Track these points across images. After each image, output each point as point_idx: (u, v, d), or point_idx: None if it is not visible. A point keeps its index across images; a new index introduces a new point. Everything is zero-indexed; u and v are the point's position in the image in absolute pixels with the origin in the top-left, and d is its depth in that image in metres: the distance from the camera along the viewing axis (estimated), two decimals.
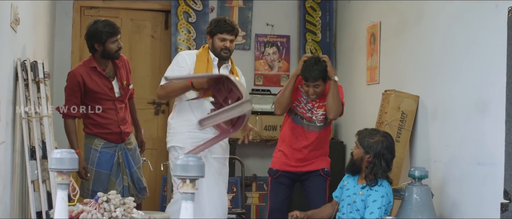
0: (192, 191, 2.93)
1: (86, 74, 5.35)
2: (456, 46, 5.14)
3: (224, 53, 5.22)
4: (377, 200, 4.70)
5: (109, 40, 5.33)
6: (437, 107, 5.42)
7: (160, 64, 7.55)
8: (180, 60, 5.22)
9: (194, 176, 2.93)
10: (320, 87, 5.33)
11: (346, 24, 7.46)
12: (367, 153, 4.79)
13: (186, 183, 2.93)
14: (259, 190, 7.45)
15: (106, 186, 5.45)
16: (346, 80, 7.37)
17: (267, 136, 7.15)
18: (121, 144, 5.53)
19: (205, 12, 7.46)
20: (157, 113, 7.57)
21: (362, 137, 4.85)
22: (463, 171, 4.98)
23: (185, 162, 2.92)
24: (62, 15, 7.23)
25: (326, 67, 5.29)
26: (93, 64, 5.39)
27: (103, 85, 5.42)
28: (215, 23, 5.24)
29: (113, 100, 5.50)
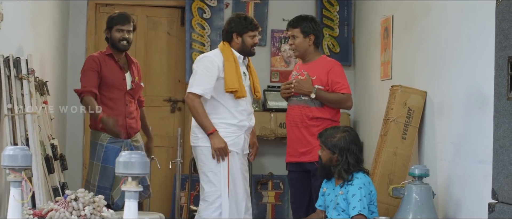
0: (135, 190, 2.82)
1: (102, 59, 5.49)
2: (460, 39, 4.93)
3: (253, 50, 5.27)
4: (356, 194, 4.59)
5: (115, 27, 5.51)
6: (442, 103, 5.22)
7: (176, 61, 7.48)
8: (209, 65, 5.09)
9: (137, 174, 2.82)
10: (297, 39, 5.33)
11: (363, 19, 7.27)
12: (334, 152, 4.68)
13: (128, 181, 2.81)
14: (275, 188, 7.31)
15: (112, 182, 5.47)
16: (363, 77, 7.19)
17: (281, 134, 7.00)
18: (128, 140, 5.52)
19: (220, 8, 7.36)
20: (173, 111, 7.50)
21: (324, 138, 4.75)
22: (466, 169, 4.78)
23: (128, 159, 2.81)
24: (76, 12, 7.21)
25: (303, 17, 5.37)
26: (109, 52, 5.54)
27: (117, 73, 5.52)
28: (244, 22, 5.20)
29: (124, 92, 5.56)
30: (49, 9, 6.03)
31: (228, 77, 5.06)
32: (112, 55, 5.53)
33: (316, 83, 5.29)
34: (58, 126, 6.62)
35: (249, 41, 5.19)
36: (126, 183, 2.82)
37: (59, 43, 6.58)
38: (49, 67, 6.04)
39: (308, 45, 5.37)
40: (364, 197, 4.58)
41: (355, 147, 4.71)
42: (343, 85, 5.33)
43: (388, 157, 5.43)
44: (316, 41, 5.41)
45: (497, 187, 3.66)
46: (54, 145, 5.33)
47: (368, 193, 4.63)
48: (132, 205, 2.81)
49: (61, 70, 6.69)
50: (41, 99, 5.29)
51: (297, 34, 5.35)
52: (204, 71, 5.08)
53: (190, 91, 5.09)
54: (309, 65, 5.40)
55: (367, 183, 4.66)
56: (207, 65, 5.09)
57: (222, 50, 5.19)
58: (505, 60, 3.59)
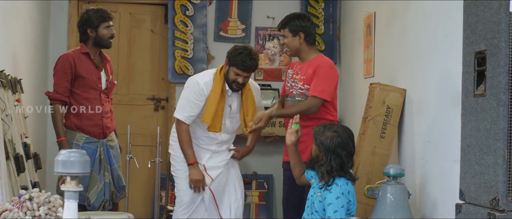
0: (75, 190, 2.72)
1: (77, 58, 5.38)
2: (437, 35, 4.82)
3: (235, 86, 5.12)
4: (332, 203, 4.30)
5: (102, 25, 5.42)
6: (420, 100, 5.11)
7: (159, 59, 7.38)
8: (198, 95, 5.09)
9: (76, 173, 2.72)
10: (286, 38, 5.21)
11: (348, 16, 7.15)
12: (320, 150, 4.46)
13: (67, 181, 2.71)
14: (259, 188, 7.21)
15: (87, 182, 5.40)
16: (347, 75, 7.08)
17: (266, 133, 6.89)
18: (103, 140, 5.47)
19: (203, 5, 7.25)
20: (156, 109, 7.40)
21: (315, 133, 4.51)
22: (442, 169, 4.67)
23: (67, 157, 2.71)
24: (57, 10, 7.12)
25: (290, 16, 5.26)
26: (85, 50, 5.43)
27: (92, 73, 5.43)
28: (235, 54, 5.09)
29: (100, 91, 5.49)
30: (24, 6, 5.92)
31: (206, 110, 5.10)
32: (88, 53, 5.43)
33: (305, 83, 5.16)
34: (39, 125, 6.54)
35: (231, 76, 5.07)
36: (65, 182, 2.71)
37: (38, 40, 6.48)
38: (25, 64, 5.94)
39: (299, 44, 5.23)
40: (342, 208, 4.28)
41: (342, 151, 4.40)
42: (314, 87, 5.07)
43: (366, 157, 5.32)
44: (307, 38, 5.24)
45: (464, 188, 3.56)
46: (26, 144, 5.24)
47: (346, 202, 4.34)
48: (71, 206, 2.71)
49: (40, 68, 6.60)
50: (13, 97, 5.19)
51: (286, 33, 5.24)
52: (191, 99, 5.11)
53: (175, 116, 5.20)
54: (304, 65, 5.27)
55: (346, 192, 4.35)
56: (196, 94, 5.11)
57: (215, 79, 5.15)
58: (472, 55, 3.48)
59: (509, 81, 3.21)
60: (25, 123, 5.46)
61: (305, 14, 5.36)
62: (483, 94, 3.37)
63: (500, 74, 3.22)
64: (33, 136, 6.14)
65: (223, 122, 5.20)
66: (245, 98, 5.23)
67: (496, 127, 3.24)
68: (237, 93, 5.21)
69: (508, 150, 3.21)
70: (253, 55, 5.06)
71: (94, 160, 5.38)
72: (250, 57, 5.02)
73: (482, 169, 3.36)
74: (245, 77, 5.07)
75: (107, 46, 5.50)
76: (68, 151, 2.68)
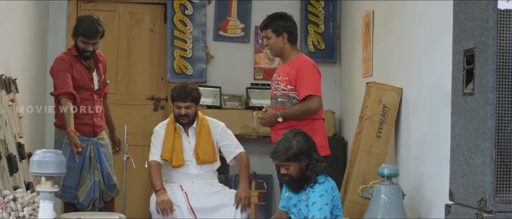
0: (50, 190, 2.68)
1: (71, 60, 5.38)
2: (431, 34, 4.76)
3: (182, 119, 5.34)
4: (316, 202, 4.31)
5: (79, 38, 5.37)
6: (416, 100, 5.05)
7: (159, 58, 7.34)
8: (155, 135, 5.45)
9: (51, 173, 2.67)
10: (270, 39, 5.13)
11: (348, 15, 7.09)
12: (301, 160, 4.40)
13: (42, 181, 2.67)
14: (259, 188, 7.15)
15: (77, 181, 5.39)
16: (347, 74, 7.02)
17: (264, 133, 6.84)
18: (94, 138, 5.44)
19: (202, 4, 7.20)
20: (156, 109, 7.36)
21: (282, 155, 4.41)
22: (437, 168, 4.61)
23: (42, 158, 2.67)
24: (56, 10, 7.08)
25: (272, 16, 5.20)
26: (75, 53, 5.41)
27: (84, 74, 5.43)
28: (172, 91, 5.37)
29: (92, 92, 5.49)
30: (21, 5, 5.89)
31: (164, 147, 5.35)
32: (78, 56, 5.40)
33: (288, 84, 5.08)
34: (37, 125, 6.52)
35: (175, 111, 5.35)
36: (40, 183, 2.68)
37: (35, 40, 6.46)
38: (21, 64, 5.91)
39: (283, 44, 5.14)
40: (326, 205, 4.29)
41: (312, 143, 4.47)
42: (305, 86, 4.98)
43: (362, 156, 5.27)
44: (290, 38, 5.18)
45: (453, 188, 3.51)
46: (21, 144, 5.21)
47: (331, 199, 4.35)
48: (47, 206, 2.67)
49: (38, 68, 6.57)
50: (7, 97, 5.17)
51: (269, 34, 5.16)
52: (153, 142, 5.46)
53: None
54: (285, 66, 5.19)
55: (329, 188, 4.36)
56: (154, 137, 5.47)
57: (169, 121, 5.45)
58: (461, 53, 3.43)
59: (497, 80, 3.16)
60: (20, 123, 5.44)
61: (286, 13, 5.25)
62: (472, 92, 3.32)
63: (488, 72, 3.17)
64: (30, 136, 6.12)
65: (188, 157, 5.35)
66: (199, 130, 5.39)
67: (484, 126, 3.19)
68: (194, 129, 5.39)
69: (496, 150, 3.15)
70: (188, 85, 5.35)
71: (84, 158, 5.36)
72: (184, 86, 5.32)
73: (470, 169, 3.30)
74: (186, 107, 5.30)
75: (83, 57, 5.43)
76: (44, 151, 2.64)
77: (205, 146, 5.37)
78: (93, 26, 5.35)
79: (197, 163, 5.35)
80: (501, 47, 3.16)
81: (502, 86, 3.17)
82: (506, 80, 3.16)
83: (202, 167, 5.40)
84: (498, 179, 3.16)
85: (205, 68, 7.17)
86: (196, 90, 5.34)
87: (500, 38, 3.16)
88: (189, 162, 5.36)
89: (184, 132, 5.41)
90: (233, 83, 7.20)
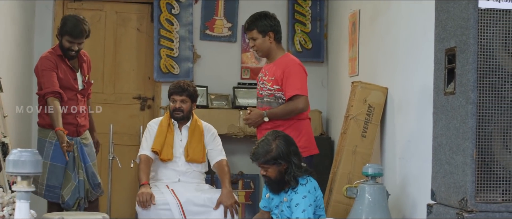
0: (26, 190, 2.65)
1: (56, 60, 5.35)
2: (416, 33, 4.75)
3: (176, 113, 5.40)
4: (300, 203, 4.28)
5: (64, 37, 5.33)
6: (401, 99, 5.04)
7: (146, 58, 7.31)
8: (149, 129, 5.49)
9: (27, 173, 2.65)
10: (256, 40, 5.10)
11: (335, 14, 7.08)
12: (280, 163, 4.38)
13: (19, 181, 2.65)
14: (245, 188, 7.14)
15: (61, 180, 5.36)
16: (334, 74, 7.01)
17: (251, 132, 6.82)
18: (77, 138, 5.42)
19: (189, 3, 7.18)
20: (143, 109, 7.34)
21: (262, 157, 4.38)
22: (420, 168, 4.60)
23: (18, 157, 2.65)
24: (42, 9, 7.05)
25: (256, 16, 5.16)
26: (59, 52, 5.38)
27: (68, 75, 5.40)
28: (169, 86, 5.49)
29: (76, 92, 5.45)
30: (5, 5, 5.85)
31: (155, 140, 5.39)
32: (62, 56, 5.37)
33: (274, 84, 5.06)
34: (22, 124, 6.49)
35: (171, 105, 5.43)
36: (16, 183, 2.65)
37: (20, 39, 6.42)
38: (6, 63, 5.88)
39: (270, 43, 5.11)
40: (309, 206, 4.27)
41: (293, 146, 4.42)
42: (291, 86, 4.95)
43: (347, 156, 5.26)
44: (276, 37, 5.15)
45: (435, 188, 3.50)
46: (5, 143, 5.18)
47: (314, 199, 4.33)
48: (23, 206, 2.64)
49: (24, 67, 6.54)
50: None
51: (255, 35, 5.11)
52: (145, 135, 5.50)
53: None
54: (271, 65, 5.16)
55: (312, 189, 4.34)
56: (146, 131, 5.51)
57: (163, 118, 5.52)
58: (442, 53, 3.42)
59: (478, 79, 3.15)
60: (4, 122, 5.40)
61: (269, 12, 5.21)
62: (453, 92, 3.31)
63: (468, 71, 3.16)
64: (16, 136, 6.09)
65: (177, 153, 5.38)
66: (192, 129, 5.45)
67: (465, 126, 3.18)
68: (187, 127, 5.45)
69: (476, 149, 3.14)
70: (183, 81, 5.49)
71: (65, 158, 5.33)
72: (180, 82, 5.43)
73: (451, 168, 3.30)
74: (181, 100, 5.36)
75: (67, 57, 5.39)
76: (20, 150, 2.61)
77: (196, 146, 5.41)
78: (79, 25, 5.32)
79: (186, 160, 5.37)
80: (482, 46, 3.15)
81: (483, 86, 3.16)
82: (487, 80, 3.16)
83: (190, 165, 5.40)
84: (479, 179, 3.16)
85: (192, 68, 7.15)
86: (192, 87, 5.43)
87: (481, 37, 3.15)
88: (177, 158, 5.38)
89: (177, 129, 5.45)
90: (220, 82, 7.19)
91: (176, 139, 5.42)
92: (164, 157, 5.34)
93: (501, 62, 3.16)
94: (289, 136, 4.51)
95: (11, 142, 5.42)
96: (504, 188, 3.17)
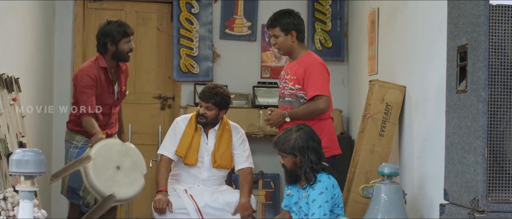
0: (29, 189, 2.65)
1: (98, 75, 5.29)
2: (433, 31, 4.69)
3: (200, 118, 5.26)
4: (316, 199, 4.32)
5: (123, 40, 5.31)
6: (418, 98, 4.98)
7: (166, 57, 7.31)
8: (175, 127, 5.36)
9: (30, 173, 2.65)
10: (278, 38, 5.05)
11: (355, 12, 7.02)
12: (295, 155, 4.41)
13: (22, 180, 2.65)
14: (266, 187, 7.11)
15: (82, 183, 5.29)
16: (355, 72, 6.95)
17: (271, 131, 6.78)
18: None
19: (209, 2, 7.17)
20: (163, 108, 7.34)
21: (281, 145, 4.49)
22: (437, 167, 4.52)
23: (21, 157, 2.64)
24: (62, 9, 7.08)
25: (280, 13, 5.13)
26: (104, 64, 5.32)
27: (107, 89, 5.37)
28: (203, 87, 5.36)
29: (111, 105, 5.45)
30: (23, 5, 5.88)
31: (180, 143, 5.27)
32: (106, 68, 5.32)
33: (296, 83, 5.03)
34: (43, 124, 6.52)
35: (198, 109, 5.29)
36: (19, 182, 2.65)
37: (40, 39, 6.46)
38: (25, 63, 5.91)
39: (291, 42, 5.07)
40: (326, 203, 4.30)
41: (313, 142, 4.44)
42: (313, 86, 4.91)
43: (365, 155, 5.21)
44: (299, 36, 5.11)
45: (448, 187, 3.44)
46: (22, 143, 5.20)
47: (331, 197, 4.35)
48: (26, 206, 2.64)
49: (43, 67, 6.57)
50: (9, 96, 5.16)
51: (278, 33, 5.07)
52: (169, 133, 5.39)
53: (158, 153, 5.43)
54: (293, 64, 5.13)
55: (330, 186, 4.36)
56: (172, 129, 5.39)
57: (192, 117, 5.35)
58: (454, 50, 3.36)
59: (489, 77, 3.09)
60: (22, 122, 5.42)
61: (293, 10, 5.18)
62: (464, 90, 3.25)
63: (479, 69, 3.11)
64: (35, 136, 6.13)
65: (202, 159, 5.28)
66: (220, 134, 5.33)
67: (476, 125, 3.13)
68: (215, 131, 5.32)
69: (488, 148, 3.09)
70: (213, 85, 5.33)
71: None
72: (209, 87, 5.28)
73: (463, 168, 3.24)
74: (206, 107, 5.22)
75: (125, 60, 5.42)
76: (23, 150, 2.61)
77: (223, 152, 5.31)
78: (126, 23, 5.42)
79: (213, 166, 5.28)
80: (493, 43, 3.09)
81: (495, 83, 3.10)
82: (499, 77, 3.10)
83: (215, 171, 5.33)
84: (490, 178, 3.10)
85: (212, 67, 7.14)
86: (222, 95, 5.24)
87: (492, 34, 3.09)
88: (201, 163, 5.30)
89: (204, 132, 5.34)
90: (240, 81, 7.16)
91: (202, 143, 5.30)
92: (188, 161, 5.26)
93: None
94: (314, 133, 4.54)
95: (29, 142, 5.45)
96: None
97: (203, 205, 5.11)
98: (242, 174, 5.33)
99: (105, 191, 4.73)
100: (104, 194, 4.69)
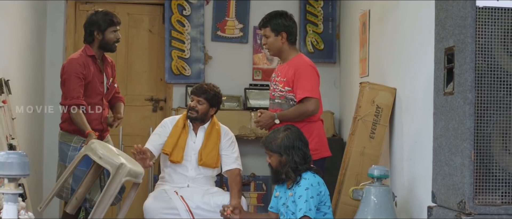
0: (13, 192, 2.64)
1: (86, 63, 5.29)
2: (422, 33, 4.68)
3: (190, 112, 5.32)
4: (302, 195, 4.37)
5: (109, 29, 5.35)
6: (408, 99, 4.97)
7: (158, 59, 7.30)
8: (163, 126, 5.43)
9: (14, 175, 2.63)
10: (269, 38, 5.06)
11: (347, 14, 7.02)
12: (281, 154, 4.47)
13: (6, 183, 2.64)
14: (257, 190, 7.10)
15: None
16: (346, 74, 6.95)
17: (262, 133, 6.76)
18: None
19: (200, 4, 7.16)
20: (155, 110, 7.33)
21: (268, 143, 4.55)
22: (427, 170, 4.51)
23: (5, 159, 2.63)
24: (53, 10, 7.06)
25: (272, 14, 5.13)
26: (91, 53, 5.35)
27: (96, 77, 5.36)
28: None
29: (102, 96, 5.44)
30: (14, 5, 5.86)
31: (167, 141, 5.32)
32: (94, 56, 5.34)
33: (286, 85, 5.02)
34: (33, 125, 6.51)
35: (189, 103, 5.36)
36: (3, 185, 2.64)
37: (31, 40, 6.44)
38: (16, 65, 5.89)
39: (281, 43, 5.06)
40: (311, 198, 4.35)
41: (299, 142, 4.48)
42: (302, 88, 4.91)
43: (355, 157, 5.21)
44: (290, 38, 5.10)
45: (435, 189, 3.44)
46: (12, 145, 5.19)
47: (317, 193, 4.39)
48: (10, 208, 2.63)
49: (34, 68, 6.55)
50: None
51: (268, 33, 5.08)
52: (157, 130, 5.45)
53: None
54: (284, 66, 5.13)
55: (315, 183, 4.41)
56: (159, 127, 5.46)
57: (180, 117, 5.41)
58: (442, 52, 3.36)
59: (476, 79, 3.09)
60: (12, 124, 5.41)
61: (286, 12, 5.18)
62: (452, 92, 3.25)
63: (466, 71, 3.10)
64: (27, 137, 6.11)
65: (188, 157, 5.30)
66: (209, 132, 5.36)
67: (463, 127, 3.12)
68: (204, 129, 5.35)
69: (475, 150, 3.08)
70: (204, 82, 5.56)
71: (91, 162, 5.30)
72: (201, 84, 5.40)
73: (451, 170, 3.24)
74: (198, 101, 5.28)
75: (112, 50, 5.43)
76: (7, 152, 2.60)
77: (210, 150, 5.32)
78: (112, 13, 5.45)
79: (199, 164, 5.29)
80: (479, 45, 3.09)
81: (481, 85, 3.10)
82: (485, 79, 3.10)
83: (202, 170, 5.33)
84: (477, 181, 3.10)
85: (203, 69, 7.13)
86: (213, 91, 5.32)
87: (479, 36, 3.09)
88: (188, 162, 5.31)
89: (192, 131, 5.37)
90: (232, 83, 7.15)
91: (189, 141, 5.33)
92: (173, 158, 5.28)
93: (499, 61, 3.10)
94: (302, 134, 4.57)
95: (19, 144, 5.44)
96: (504, 190, 3.11)
97: (194, 206, 5.10)
98: (230, 176, 5.32)
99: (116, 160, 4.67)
100: (115, 164, 4.62)
